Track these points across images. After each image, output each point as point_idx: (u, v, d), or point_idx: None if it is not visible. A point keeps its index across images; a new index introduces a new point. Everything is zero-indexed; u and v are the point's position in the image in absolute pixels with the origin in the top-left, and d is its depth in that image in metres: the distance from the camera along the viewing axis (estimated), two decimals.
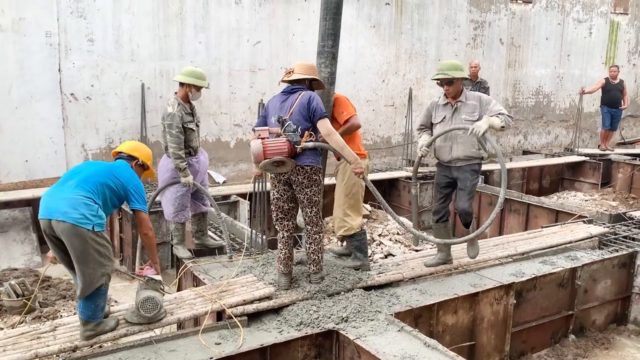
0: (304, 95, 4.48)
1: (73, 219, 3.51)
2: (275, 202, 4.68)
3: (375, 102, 11.42)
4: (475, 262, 5.55)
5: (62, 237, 3.55)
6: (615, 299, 5.99)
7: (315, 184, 4.56)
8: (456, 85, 4.92)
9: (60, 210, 3.54)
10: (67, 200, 3.59)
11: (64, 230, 3.52)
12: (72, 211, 3.54)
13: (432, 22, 11.87)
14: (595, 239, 6.41)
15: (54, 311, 5.56)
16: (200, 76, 5.43)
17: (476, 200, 8.85)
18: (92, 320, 3.72)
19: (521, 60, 13.45)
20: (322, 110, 4.45)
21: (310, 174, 4.48)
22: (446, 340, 4.62)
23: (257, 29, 9.82)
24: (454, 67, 4.86)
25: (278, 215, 4.70)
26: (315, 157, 4.51)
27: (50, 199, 3.66)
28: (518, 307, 5.16)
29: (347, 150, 4.53)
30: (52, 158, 8.39)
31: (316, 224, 4.68)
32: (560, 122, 14.50)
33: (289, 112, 4.45)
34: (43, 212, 3.63)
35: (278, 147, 4.33)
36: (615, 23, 14.97)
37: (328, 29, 5.11)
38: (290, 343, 3.97)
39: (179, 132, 5.28)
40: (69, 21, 8.28)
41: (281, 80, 4.75)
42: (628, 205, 9.73)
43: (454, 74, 4.82)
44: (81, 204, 3.59)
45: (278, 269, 4.72)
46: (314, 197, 4.58)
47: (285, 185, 4.59)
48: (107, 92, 8.71)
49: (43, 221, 3.63)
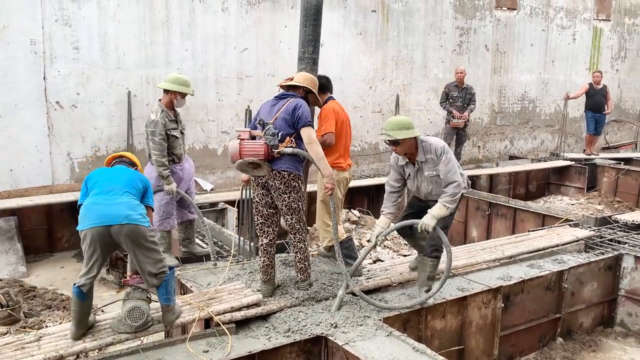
0: (291, 102, 4.50)
1: (136, 219, 3.79)
2: (256, 206, 4.69)
3: (362, 108, 11.45)
4: (463, 266, 5.58)
5: (125, 238, 3.75)
6: (601, 302, 6.04)
7: (294, 191, 4.51)
8: (404, 146, 4.47)
9: (123, 214, 3.77)
10: (125, 204, 3.84)
11: (129, 231, 3.75)
12: (133, 213, 3.81)
13: (418, 29, 11.95)
14: (582, 242, 6.47)
15: (39, 321, 5.48)
16: (185, 83, 5.42)
17: (463, 204, 8.89)
18: (171, 304, 4.00)
19: (506, 66, 13.58)
20: (306, 119, 4.46)
21: (287, 180, 4.46)
22: (435, 344, 4.62)
23: (244, 36, 9.83)
24: (398, 127, 4.39)
25: (258, 220, 4.70)
26: (293, 163, 4.48)
27: (103, 207, 3.80)
28: (506, 311, 5.18)
29: (324, 163, 4.51)
30: (37, 167, 8.31)
31: (298, 232, 4.65)
32: (545, 127, 14.65)
33: (275, 117, 4.47)
34: (99, 219, 3.74)
35: (254, 149, 4.35)
36: (598, 29, 15.19)
37: (308, 35, 5.22)
38: (278, 350, 3.95)
39: (162, 140, 5.27)
40: (54, 29, 8.22)
41: (279, 85, 4.80)
42: (613, 209, 9.83)
43: (396, 134, 4.36)
44: (136, 206, 3.90)
45: (260, 277, 4.71)
46: (293, 204, 4.54)
47: (263, 189, 4.59)
48: (93, 100, 8.65)
49: (98, 229, 3.73)
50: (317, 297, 4.70)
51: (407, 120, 4.47)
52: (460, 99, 10.46)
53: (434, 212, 4.39)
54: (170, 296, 4.03)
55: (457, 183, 4.39)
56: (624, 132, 16.34)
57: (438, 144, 4.51)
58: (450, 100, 10.51)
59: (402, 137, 4.38)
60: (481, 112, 13.15)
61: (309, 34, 5.21)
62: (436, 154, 4.46)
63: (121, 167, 4.23)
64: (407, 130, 4.39)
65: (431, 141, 4.53)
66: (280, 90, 4.75)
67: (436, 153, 4.46)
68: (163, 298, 3.99)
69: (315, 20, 5.18)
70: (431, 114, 12.39)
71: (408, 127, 4.41)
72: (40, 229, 8.08)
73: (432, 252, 4.62)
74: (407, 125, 4.41)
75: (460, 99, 10.46)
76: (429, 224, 4.37)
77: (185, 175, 5.65)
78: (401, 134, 4.37)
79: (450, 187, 4.39)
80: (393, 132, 4.38)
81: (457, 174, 4.42)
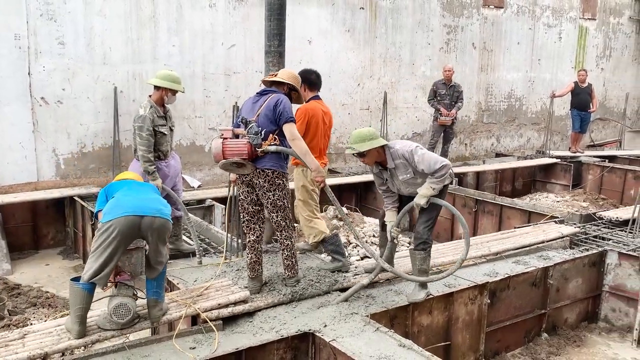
0: (272, 98, 4.48)
1: (166, 214, 3.98)
2: (241, 204, 4.68)
3: (350, 105, 11.47)
4: (450, 262, 5.61)
5: (154, 230, 3.87)
6: (586, 297, 6.11)
7: (279, 189, 4.51)
8: (370, 156, 4.55)
9: (156, 207, 3.93)
10: (158, 200, 4.07)
11: (160, 224, 3.89)
12: (165, 208, 4.00)
13: (406, 27, 11.98)
14: (567, 238, 6.53)
15: (24, 319, 5.43)
16: (176, 80, 5.39)
17: (450, 201, 8.93)
18: (161, 300, 4.05)
19: (493, 65, 13.67)
20: (288, 114, 4.42)
21: (272, 178, 4.46)
22: (422, 340, 4.65)
23: (232, 32, 9.78)
24: (361, 139, 4.46)
25: (244, 217, 4.70)
26: (278, 161, 4.47)
27: (137, 200, 3.93)
28: (492, 307, 5.22)
29: (310, 157, 4.51)
30: (22, 163, 8.21)
31: (284, 229, 4.65)
32: (532, 125, 14.77)
33: (257, 114, 4.45)
34: (134, 209, 3.82)
35: (238, 149, 4.31)
36: (584, 28, 15.33)
37: (273, 30, 5.46)
38: (265, 346, 3.95)
39: (149, 135, 5.24)
40: (39, 23, 8.13)
41: (262, 80, 4.79)
42: (598, 206, 9.94)
43: (360, 146, 4.44)
44: (167, 204, 4.11)
45: (247, 274, 4.72)
46: (278, 202, 4.54)
47: (248, 187, 4.59)
48: (79, 96, 8.56)
49: (131, 218, 3.78)
50: (305, 294, 4.70)
51: (371, 131, 4.54)
52: (448, 96, 10.51)
53: (423, 192, 4.54)
54: (160, 291, 4.05)
55: (442, 165, 4.43)
56: (608, 130, 16.53)
57: (405, 148, 4.54)
58: (438, 98, 10.56)
59: (367, 149, 4.46)
60: (468, 109, 13.23)
61: (273, 28, 5.45)
62: (405, 158, 4.52)
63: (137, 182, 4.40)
64: (371, 141, 4.46)
65: (397, 147, 4.59)
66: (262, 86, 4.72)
67: (404, 157, 4.52)
68: (153, 291, 4.00)
69: (279, 15, 5.39)
70: (419, 111, 12.43)
71: (372, 138, 4.48)
72: (25, 226, 7.99)
73: (419, 244, 4.67)
74: (371, 136, 4.48)
75: (447, 97, 10.51)
76: (420, 202, 4.53)
77: (171, 171, 5.62)
78: (365, 145, 4.45)
79: (437, 173, 4.44)
80: (357, 145, 4.47)
81: (437, 162, 4.44)
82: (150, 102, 5.38)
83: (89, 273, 3.75)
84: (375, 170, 4.78)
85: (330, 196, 4.67)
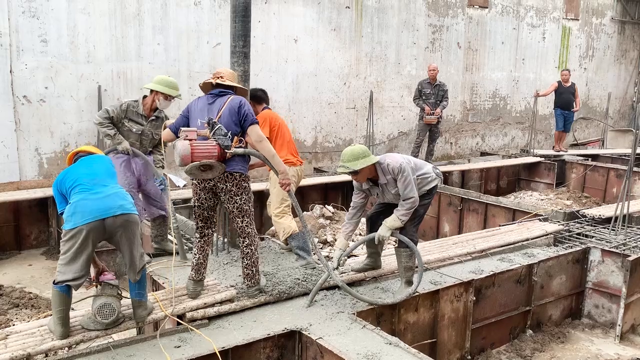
0: (234, 99, 4.32)
1: (129, 208, 3.78)
2: (196, 210, 4.46)
3: (337, 104, 11.47)
4: (435, 260, 5.64)
5: (120, 229, 3.73)
6: (570, 294, 6.17)
7: (245, 192, 4.38)
8: (363, 174, 4.58)
9: (115, 204, 3.72)
10: (116, 195, 3.80)
11: (124, 221, 3.73)
12: (126, 202, 3.80)
13: (391, 26, 12.02)
14: (551, 236, 6.60)
15: (6, 320, 5.36)
16: (170, 85, 5.43)
17: (436, 200, 8.99)
18: (145, 300, 3.97)
19: (478, 64, 13.76)
20: (253, 116, 4.33)
21: (239, 181, 4.33)
22: (408, 338, 4.67)
23: (217, 31, 9.73)
24: (354, 157, 4.48)
25: (198, 224, 4.50)
26: (244, 164, 4.37)
27: (94, 201, 3.69)
28: (477, 304, 5.26)
29: (277, 159, 4.43)
30: (4, 162, 8.09)
31: (249, 235, 4.48)
32: (516, 124, 14.89)
33: (218, 115, 4.27)
34: (93, 214, 3.64)
35: (207, 150, 4.11)
36: (567, 28, 15.50)
37: (238, 31, 5.50)
38: (252, 345, 3.93)
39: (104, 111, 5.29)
40: (21, 21, 8.02)
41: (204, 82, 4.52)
42: (581, 204, 10.05)
43: (354, 165, 4.46)
44: (126, 195, 3.88)
45: (190, 275, 4.47)
46: (244, 206, 4.40)
47: (209, 193, 4.39)
48: (62, 95, 8.46)
49: (93, 223, 3.63)
50: (292, 292, 4.70)
51: (362, 149, 4.55)
52: (433, 95, 10.55)
53: (389, 224, 4.63)
54: (144, 291, 3.99)
55: (413, 199, 4.58)
56: (591, 129, 16.73)
57: (395, 164, 4.58)
58: (423, 97, 10.60)
59: (361, 167, 4.47)
60: (453, 109, 13.31)
61: (238, 29, 5.48)
62: (393, 174, 4.58)
63: (88, 158, 4.03)
64: (364, 159, 4.49)
65: (388, 161, 4.62)
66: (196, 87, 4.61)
67: (393, 173, 4.58)
68: (136, 293, 3.94)
69: (244, 17, 5.44)
70: (404, 110, 12.48)
71: (364, 156, 4.50)
72: (7, 226, 7.88)
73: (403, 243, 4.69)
74: (363, 154, 4.50)
75: (433, 96, 10.55)
76: (385, 235, 4.64)
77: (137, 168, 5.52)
78: (359, 164, 4.47)
79: (407, 202, 4.58)
80: (351, 164, 4.48)
81: (413, 190, 4.58)
82: (136, 101, 5.42)
83: (62, 278, 3.68)
84: (365, 186, 4.77)
85: (292, 200, 4.64)
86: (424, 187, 4.75)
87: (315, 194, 9.22)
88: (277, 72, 10.57)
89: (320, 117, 11.28)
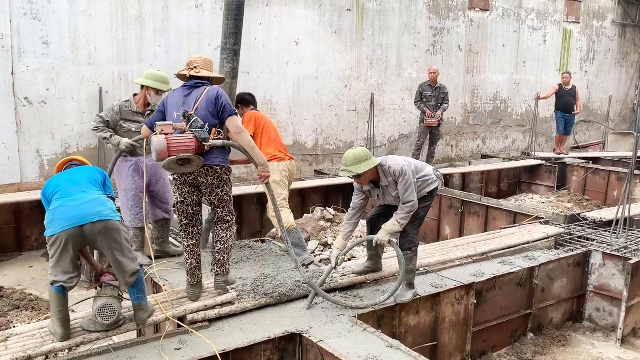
0: (210, 91, 4.21)
1: (108, 215, 3.70)
2: (179, 207, 4.36)
3: (337, 107, 11.48)
4: (436, 263, 5.63)
5: (100, 236, 3.67)
6: (571, 297, 6.16)
7: (226, 184, 4.33)
8: (365, 176, 4.55)
9: (93, 211, 3.66)
10: (95, 201, 3.73)
11: (103, 228, 3.67)
12: (105, 209, 3.72)
13: (392, 29, 12.03)
14: (552, 239, 6.59)
15: (7, 322, 5.35)
16: (160, 79, 5.33)
17: (436, 202, 8.98)
18: (145, 303, 3.94)
19: (479, 67, 13.77)
20: (231, 107, 4.24)
21: (220, 174, 4.24)
22: (409, 341, 4.65)
23: (218, 33, 9.70)
24: (357, 161, 4.45)
25: (182, 222, 4.39)
26: (224, 156, 4.27)
27: (71, 208, 3.66)
28: (478, 307, 5.25)
29: (257, 151, 4.37)
30: (5, 164, 8.10)
31: (227, 223, 4.41)
32: (517, 127, 14.89)
33: (194, 108, 4.17)
34: (70, 221, 3.61)
35: (184, 144, 4.02)
36: (568, 31, 15.51)
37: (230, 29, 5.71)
38: (253, 347, 3.92)
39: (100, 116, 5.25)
40: (23, 23, 8.03)
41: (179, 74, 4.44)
42: (582, 207, 10.04)
43: (357, 169, 4.43)
44: (106, 201, 3.81)
45: (187, 280, 4.42)
46: (225, 197, 4.35)
47: (190, 187, 4.29)
48: (64, 96, 8.48)
49: (71, 230, 3.60)
50: (292, 295, 4.69)
51: (364, 152, 4.53)
52: (433, 98, 10.55)
53: (388, 228, 4.59)
54: (142, 295, 3.97)
55: (413, 203, 4.56)
56: (592, 132, 16.72)
57: (396, 167, 4.56)
58: (424, 100, 10.60)
59: (364, 170, 4.46)
60: (454, 111, 13.31)
61: (230, 27, 5.68)
62: (395, 177, 4.56)
63: (76, 168, 4.07)
64: (366, 162, 4.46)
65: (390, 163, 4.60)
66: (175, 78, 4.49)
67: (394, 176, 4.56)
68: (135, 297, 3.93)
69: (237, 15, 5.63)
70: (405, 113, 12.48)
71: (367, 159, 4.47)
72: (8, 228, 7.87)
73: (404, 244, 4.69)
74: (365, 157, 4.47)
75: (433, 99, 10.55)
76: (384, 239, 4.60)
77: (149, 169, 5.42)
78: (361, 167, 4.45)
79: (407, 206, 4.56)
80: (353, 167, 4.46)
81: (413, 194, 4.56)
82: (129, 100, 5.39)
83: (54, 279, 3.68)
84: (366, 188, 4.75)
85: (270, 195, 4.61)
86: (424, 190, 4.74)
87: (316, 197, 9.21)
88: (278, 75, 10.58)
89: (321, 119, 11.29)
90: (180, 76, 4.43)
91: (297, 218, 8.05)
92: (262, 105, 10.48)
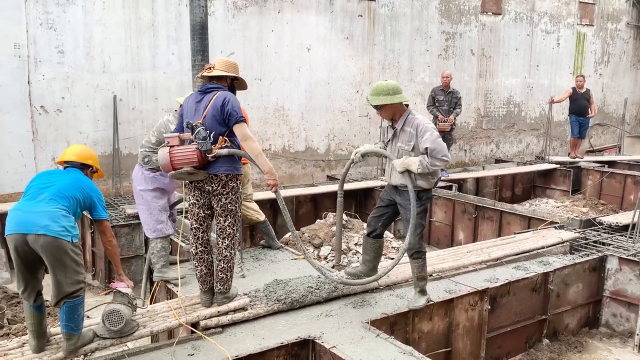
0: (218, 96, 4.14)
1: (55, 232, 3.49)
2: (191, 208, 4.35)
3: (349, 112, 11.49)
4: (450, 268, 5.60)
5: (41, 250, 3.49)
6: (587, 303, 6.09)
7: (232, 192, 4.24)
8: (386, 110, 4.45)
9: (40, 224, 3.48)
10: (47, 214, 3.54)
11: (46, 243, 3.47)
12: (53, 224, 3.51)
13: (404, 34, 12.03)
14: (567, 244, 6.52)
15: (23, 328, 5.41)
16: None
17: (450, 207, 8.94)
18: (74, 334, 3.67)
19: (492, 71, 13.70)
20: (237, 114, 4.12)
21: (225, 182, 4.19)
22: (422, 347, 4.63)
23: (231, 40, 9.82)
24: (378, 92, 4.36)
25: (193, 225, 4.37)
26: (231, 164, 4.19)
27: (23, 213, 3.56)
28: (493, 313, 5.21)
29: (263, 158, 4.24)
30: (22, 172, 8.22)
31: (229, 236, 4.31)
32: (531, 131, 14.78)
33: (203, 115, 4.13)
34: (16, 227, 3.52)
35: (187, 157, 4.02)
36: (582, 34, 15.38)
37: (196, 47, 6.34)
38: (265, 353, 3.93)
39: (152, 134, 5.19)
40: (39, 32, 8.16)
41: (199, 76, 4.43)
42: (598, 211, 9.92)
43: (374, 100, 4.36)
44: (61, 217, 3.58)
45: (199, 286, 4.42)
46: (229, 206, 4.26)
47: (198, 191, 4.28)
48: (79, 104, 8.59)
49: (15, 236, 3.51)
50: (305, 301, 4.69)
51: (391, 85, 4.38)
52: (446, 102, 10.51)
53: (408, 161, 4.40)
54: (72, 324, 3.65)
55: (443, 157, 4.33)
56: (607, 135, 16.55)
57: (424, 123, 4.42)
58: (436, 104, 10.57)
59: (379, 103, 4.37)
60: (467, 115, 13.25)
61: (196, 45, 6.31)
62: (416, 130, 4.40)
63: (67, 171, 3.97)
64: (387, 96, 4.35)
65: (418, 118, 4.47)
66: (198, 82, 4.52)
67: (417, 129, 4.40)
68: (63, 324, 3.64)
69: (201, 34, 6.30)
70: None
71: (389, 93, 4.36)
72: None
73: (413, 254, 4.65)
74: (389, 91, 4.35)
75: (446, 103, 10.51)
76: (398, 168, 4.43)
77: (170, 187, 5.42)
78: (378, 99, 4.38)
79: (437, 160, 4.34)
80: (372, 98, 4.41)
81: (442, 151, 4.32)
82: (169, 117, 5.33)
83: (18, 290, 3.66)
84: (385, 123, 4.70)
85: (280, 202, 4.49)
86: (431, 180, 4.59)
87: (328, 202, 9.21)
88: (290, 81, 10.62)
89: (333, 125, 11.30)
90: (202, 78, 4.39)
91: (309, 223, 8.07)
92: (275, 111, 10.54)
